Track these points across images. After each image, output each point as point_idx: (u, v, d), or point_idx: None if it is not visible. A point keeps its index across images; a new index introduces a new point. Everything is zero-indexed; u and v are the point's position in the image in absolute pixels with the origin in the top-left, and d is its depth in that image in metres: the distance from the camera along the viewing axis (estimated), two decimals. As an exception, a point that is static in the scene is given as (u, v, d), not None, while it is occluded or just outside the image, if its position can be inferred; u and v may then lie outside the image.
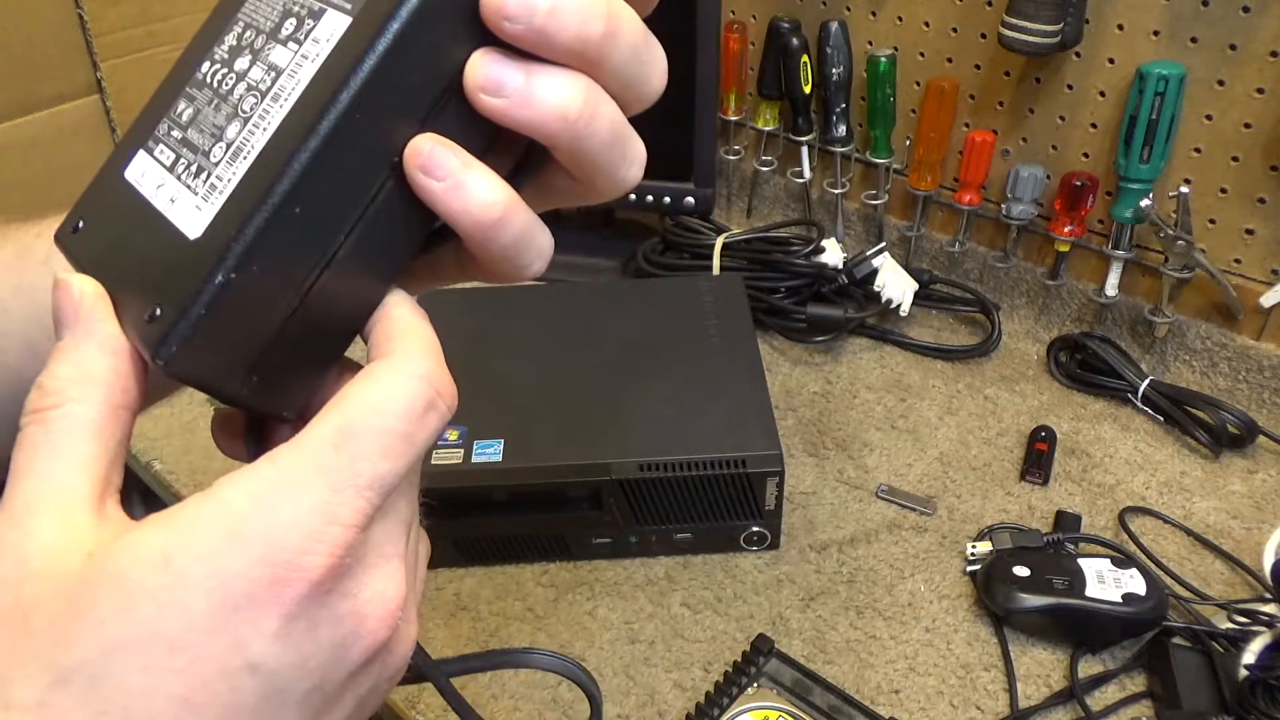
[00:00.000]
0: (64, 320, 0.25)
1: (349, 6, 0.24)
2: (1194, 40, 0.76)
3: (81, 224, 0.28)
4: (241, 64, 0.26)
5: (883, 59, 0.92)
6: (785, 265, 0.92)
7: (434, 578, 0.69)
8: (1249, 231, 0.80)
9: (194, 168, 0.25)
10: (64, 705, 0.22)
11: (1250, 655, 0.57)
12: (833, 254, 0.93)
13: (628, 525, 0.68)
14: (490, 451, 0.67)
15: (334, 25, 0.24)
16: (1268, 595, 0.64)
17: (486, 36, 0.24)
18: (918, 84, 0.95)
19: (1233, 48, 0.75)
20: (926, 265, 0.99)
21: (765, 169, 1.08)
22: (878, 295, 0.91)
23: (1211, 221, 0.81)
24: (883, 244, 0.95)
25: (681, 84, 0.94)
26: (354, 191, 0.24)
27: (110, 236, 0.27)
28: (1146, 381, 0.81)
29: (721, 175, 1.12)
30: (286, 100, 0.24)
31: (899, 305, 0.91)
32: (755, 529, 0.69)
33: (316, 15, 0.24)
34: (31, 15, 0.79)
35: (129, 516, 0.25)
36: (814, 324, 0.90)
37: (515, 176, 0.27)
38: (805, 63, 0.96)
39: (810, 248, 0.92)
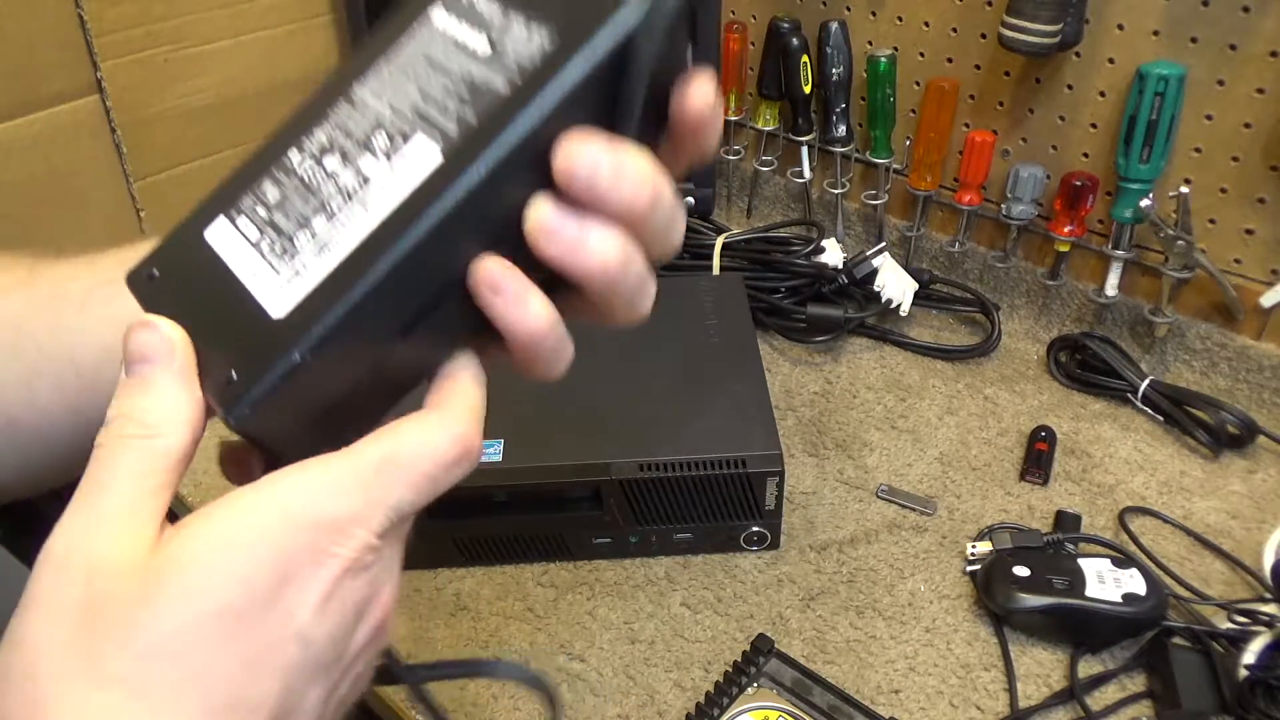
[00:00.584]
0: (150, 358, 0.28)
1: (437, 133, 0.27)
2: (1194, 40, 0.76)
3: (157, 273, 0.30)
4: (331, 163, 0.28)
5: (883, 59, 0.92)
6: (785, 265, 0.92)
7: (434, 578, 0.69)
8: (1249, 231, 0.80)
9: (278, 249, 0.28)
10: (150, 677, 0.25)
11: (1250, 655, 0.57)
12: (833, 254, 0.93)
13: (628, 525, 0.68)
14: (490, 451, 0.67)
15: (425, 151, 0.27)
16: (1268, 595, 0.64)
17: (550, 183, 0.27)
18: (918, 84, 0.95)
19: (1233, 48, 0.75)
20: (926, 265, 0.99)
21: (765, 169, 1.08)
22: (878, 295, 0.91)
23: (1211, 221, 0.81)
24: (883, 244, 0.95)
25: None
26: (426, 300, 0.28)
27: (189, 292, 0.29)
28: (1146, 381, 0.81)
29: (721, 175, 1.12)
30: (374, 211, 0.27)
31: (899, 305, 0.91)
32: (755, 529, 0.69)
33: (407, 136, 0.27)
34: (31, 15, 0.79)
35: None
36: (814, 324, 0.90)
37: (548, 291, 0.29)
38: (805, 63, 0.96)
39: (810, 248, 0.92)
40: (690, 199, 0.99)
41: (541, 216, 0.27)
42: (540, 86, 0.26)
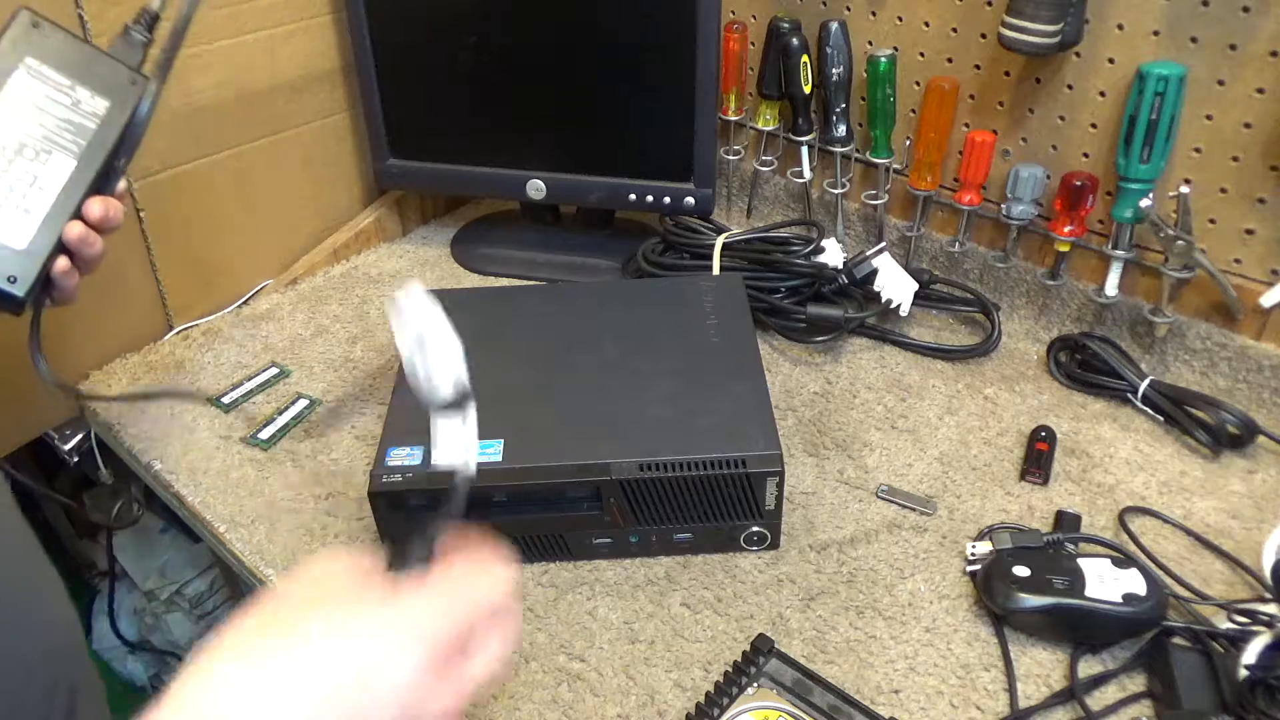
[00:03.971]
0: None
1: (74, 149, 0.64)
2: (1194, 40, 0.76)
3: None
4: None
5: (883, 59, 0.92)
6: (785, 265, 0.92)
7: (434, 578, 0.69)
8: (1249, 231, 0.80)
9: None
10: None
11: (1250, 655, 0.57)
12: (833, 254, 0.93)
13: (628, 525, 0.68)
14: (490, 451, 0.67)
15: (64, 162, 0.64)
16: (1267, 595, 0.64)
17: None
18: (918, 84, 0.95)
19: (1233, 48, 0.75)
20: (926, 265, 0.99)
21: (765, 169, 1.08)
22: (878, 295, 0.91)
23: (1211, 221, 0.81)
24: (883, 244, 0.95)
25: (681, 84, 0.94)
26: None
27: None
28: (1146, 381, 0.81)
29: (721, 175, 1.12)
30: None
31: (899, 305, 0.91)
32: (755, 529, 0.69)
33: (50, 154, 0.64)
34: (31, 15, 0.79)
35: (130, 514, 0.32)
36: (814, 324, 0.90)
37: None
38: (805, 63, 0.96)
39: (810, 248, 0.92)
40: (690, 199, 0.99)
41: (94, 203, 0.65)
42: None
